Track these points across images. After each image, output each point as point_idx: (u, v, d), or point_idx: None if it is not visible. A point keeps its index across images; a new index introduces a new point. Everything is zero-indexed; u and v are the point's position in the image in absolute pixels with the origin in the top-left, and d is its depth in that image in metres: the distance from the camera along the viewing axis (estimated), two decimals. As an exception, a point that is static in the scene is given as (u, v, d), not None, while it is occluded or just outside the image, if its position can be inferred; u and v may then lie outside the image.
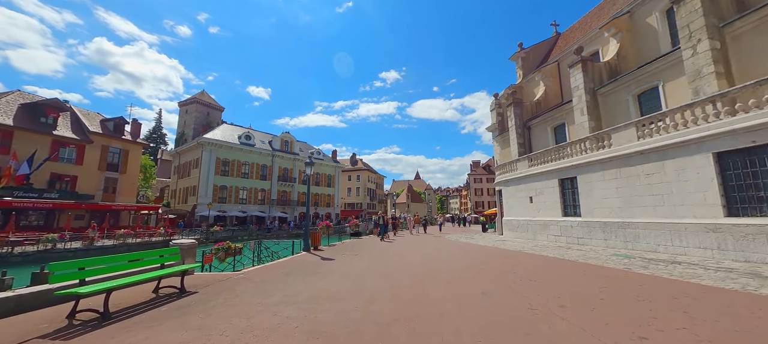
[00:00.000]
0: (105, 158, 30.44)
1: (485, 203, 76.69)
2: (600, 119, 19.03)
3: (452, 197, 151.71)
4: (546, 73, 27.96)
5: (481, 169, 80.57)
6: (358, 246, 13.53)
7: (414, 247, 13.82)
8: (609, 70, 20.38)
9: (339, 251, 11.61)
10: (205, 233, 31.47)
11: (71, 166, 27.83)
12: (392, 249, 12.51)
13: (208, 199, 38.88)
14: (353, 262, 9.10)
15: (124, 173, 31.87)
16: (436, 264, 8.88)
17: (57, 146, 26.87)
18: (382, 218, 18.52)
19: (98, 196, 29.37)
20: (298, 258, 9.99)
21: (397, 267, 8.42)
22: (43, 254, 18.64)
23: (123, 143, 32.08)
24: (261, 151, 46.17)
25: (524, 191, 18.12)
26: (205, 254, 8.40)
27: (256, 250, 11.05)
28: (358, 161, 75.83)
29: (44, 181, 25.74)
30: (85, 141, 28.75)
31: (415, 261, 9.40)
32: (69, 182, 27.44)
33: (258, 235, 36.69)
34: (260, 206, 45.15)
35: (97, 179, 29.58)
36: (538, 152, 17.41)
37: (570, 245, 13.39)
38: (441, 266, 8.44)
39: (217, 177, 40.63)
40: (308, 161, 11.94)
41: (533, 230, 16.92)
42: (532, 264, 8.45)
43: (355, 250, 12.11)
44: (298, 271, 7.54)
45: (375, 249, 12.39)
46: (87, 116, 31.39)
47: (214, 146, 40.85)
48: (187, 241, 7.06)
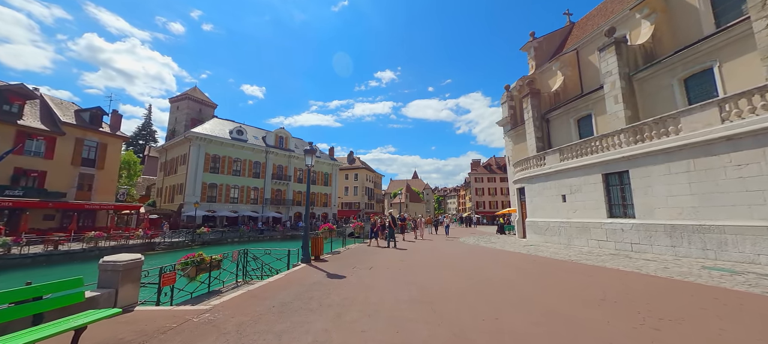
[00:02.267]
0: (80, 152, 27.49)
1: (486, 203, 74.71)
2: (636, 107, 16.84)
3: (450, 197, 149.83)
4: (564, 62, 25.73)
5: (482, 168, 78.53)
6: (368, 255, 11.06)
7: (437, 256, 11.39)
8: (644, 54, 18.20)
9: (347, 263, 9.13)
10: (191, 234, 28.68)
11: (39, 160, 24.88)
12: (413, 260, 10.08)
13: (196, 198, 36.03)
14: (372, 282, 6.65)
15: (101, 168, 28.93)
16: (485, 285, 6.46)
17: (23, 137, 23.91)
18: (391, 220, 15.97)
19: (71, 194, 26.44)
20: (296, 274, 7.50)
21: (438, 290, 5.99)
22: (-8, 262, 15.81)
23: (100, 135, 29.14)
24: (254, 147, 43.38)
25: (554, 188, 15.82)
26: (164, 274, 5.86)
27: (240, 262, 8.52)
28: (355, 159, 73.27)
29: (7, 176, 22.82)
30: (56, 133, 25.81)
31: (455, 280, 6.98)
32: (37, 178, 24.49)
33: (250, 237, 33.97)
34: (253, 205, 42.37)
35: (69, 175, 26.64)
36: (573, 144, 15.11)
37: (622, 253, 11.08)
38: (499, 289, 6.02)
39: (206, 174, 37.79)
40: (308, 148, 9.45)
41: (567, 234, 14.62)
42: (625, 287, 6.09)
43: (367, 261, 9.66)
44: (297, 302, 5.05)
45: (391, 260, 9.94)
46: (60, 106, 28.41)
47: (203, 141, 38.00)
48: (126, 258, 4.55)
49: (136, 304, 4.66)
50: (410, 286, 6.25)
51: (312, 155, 9.48)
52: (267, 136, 47.57)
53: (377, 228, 21.41)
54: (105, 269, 4.33)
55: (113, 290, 4.27)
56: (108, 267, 4.33)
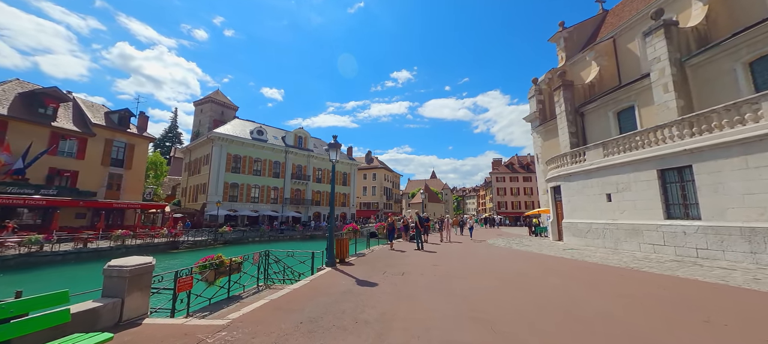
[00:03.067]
0: (109, 153, 28.32)
1: (508, 203, 72.14)
2: (690, 96, 15.14)
3: (469, 197, 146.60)
4: (600, 51, 23.93)
5: (504, 167, 75.92)
6: (396, 259, 10.21)
7: (472, 261, 10.40)
8: (697, 37, 16.41)
9: (376, 268, 8.33)
10: (213, 233, 28.92)
11: (72, 160, 25.75)
12: (448, 265, 9.14)
13: (219, 197, 36.50)
14: (410, 292, 5.80)
15: (129, 168, 29.72)
16: (543, 298, 5.47)
17: (56, 138, 24.80)
18: (418, 221, 14.85)
19: (101, 193, 27.25)
20: (322, 280, 6.77)
21: (490, 304, 5.07)
22: (26, 259, 16.21)
23: (128, 136, 29.94)
24: (274, 147, 43.61)
25: (597, 186, 14.39)
26: (180, 279, 5.26)
27: (261, 264, 7.90)
28: (373, 159, 72.70)
29: (42, 176, 23.68)
30: (87, 134, 26.66)
31: (505, 291, 6.02)
32: (69, 177, 25.36)
33: (270, 236, 33.98)
34: (273, 205, 42.57)
35: (99, 175, 27.47)
36: (620, 138, 13.66)
37: (687, 259, 9.67)
38: (562, 304, 5.02)
39: (227, 174, 38.25)
40: (332, 142, 8.73)
41: (614, 237, 13.19)
42: (722, 304, 4.95)
43: (397, 265, 8.81)
44: (328, 317, 4.28)
45: (423, 264, 9.05)
46: (91, 108, 29.41)
47: (224, 141, 38.50)
48: (134, 262, 3.95)
49: (146, 315, 4.05)
50: (455, 298, 5.36)
51: (336, 150, 8.76)
52: (286, 136, 47.79)
53: (400, 229, 20.27)
54: (110, 275, 3.74)
55: (118, 300, 3.66)
56: (113, 272, 3.74)
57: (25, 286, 10.26)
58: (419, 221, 14.80)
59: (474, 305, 4.90)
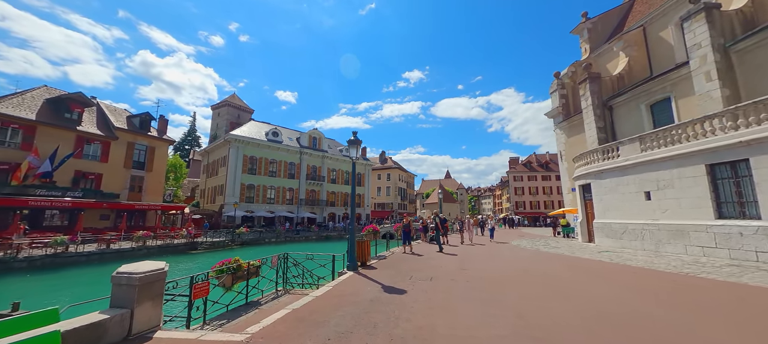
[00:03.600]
0: (131, 156, 29.00)
1: (527, 203, 70.07)
2: (736, 84, 13.88)
3: (485, 197, 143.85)
4: (629, 40, 22.58)
5: (521, 166, 73.83)
6: (419, 262, 9.63)
7: (502, 264, 9.69)
8: (743, 20, 15.10)
9: (400, 272, 7.79)
10: (231, 234, 29.13)
11: (96, 163, 26.47)
12: (476, 268, 8.49)
13: (236, 198, 36.89)
14: (445, 302, 5.23)
15: (150, 171, 30.36)
16: (602, 314, 4.77)
17: (81, 142, 25.53)
18: (439, 222, 14.18)
19: (124, 195, 27.91)
20: (346, 286, 6.29)
21: (542, 317, 4.43)
22: (52, 259, 16.57)
23: (149, 139, 30.61)
24: (289, 148, 43.81)
25: (634, 184, 13.35)
26: (196, 285, 4.89)
27: (280, 268, 7.50)
28: (387, 159, 72.19)
29: (68, 179, 24.40)
30: (110, 137, 27.36)
31: (554, 302, 5.34)
32: (93, 180, 26.06)
33: (286, 237, 34.02)
34: (288, 206, 42.75)
35: (122, 177, 28.15)
36: (660, 130, 12.61)
37: (746, 263, 8.65)
38: (629, 320, 4.33)
39: (244, 175, 38.63)
40: (352, 138, 8.26)
41: (654, 239, 12.15)
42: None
43: (422, 269, 8.24)
44: (359, 332, 3.77)
45: (449, 268, 8.44)
46: (114, 112, 30.22)
47: (241, 143, 38.92)
48: (145, 268, 3.56)
49: (158, 327, 3.67)
50: (499, 309, 4.75)
51: (356, 147, 8.29)
52: (301, 137, 47.96)
53: (419, 230, 19.46)
54: (118, 283, 3.37)
55: (127, 311, 3.28)
56: (122, 280, 3.36)
57: (50, 286, 10.22)
58: (439, 222, 14.07)
59: (526, 319, 4.28)
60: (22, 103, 23.52)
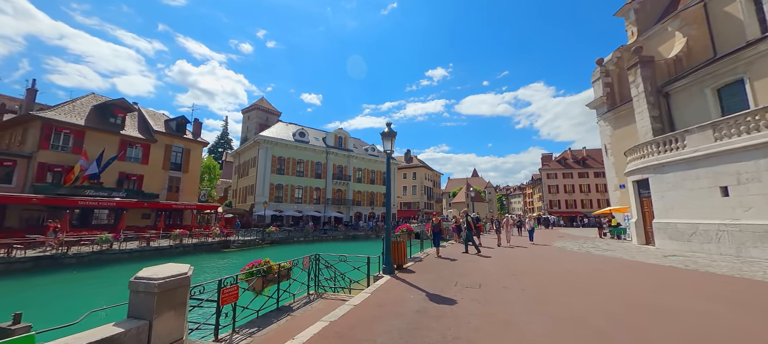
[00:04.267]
0: (168, 157, 30.35)
1: (562, 202, 66.13)
2: (836, 59, 11.65)
3: (514, 195, 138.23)
4: (686, 18, 20.20)
5: (555, 163, 69.79)
6: (459, 265, 8.76)
7: (554, 268, 8.59)
8: (842, -17, 12.73)
9: (441, 276, 7.02)
10: (261, 233, 29.64)
11: (137, 165, 27.91)
12: (527, 273, 7.52)
13: (265, 198, 37.68)
14: (503, 313, 4.41)
15: (186, 171, 31.64)
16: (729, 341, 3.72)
17: (124, 145, 27.02)
18: (472, 221, 12.96)
19: (162, 195, 29.24)
20: (385, 294, 5.64)
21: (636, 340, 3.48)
22: (98, 256, 17.43)
23: (185, 142, 31.91)
24: (315, 148, 44.19)
25: (706, 178, 11.60)
26: (224, 289, 4.44)
27: (311, 270, 6.99)
28: (412, 158, 71.14)
29: (113, 180, 25.88)
30: (150, 140, 28.75)
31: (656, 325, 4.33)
32: (136, 181, 27.49)
33: (314, 236, 34.17)
34: (315, 205, 43.10)
35: (161, 178, 29.51)
36: (740, 115, 10.81)
37: None
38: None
39: (273, 175, 39.39)
40: (386, 130, 7.59)
41: (735, 241, 10.41)
42: None
43: (467, 274, 7.40)
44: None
45: (496, 273, 7.52)
46: (153, 117, 31.81)
47: (269, 143, 39.72)
48: (166, 273, 3.09)
49: (181, 341, 3.19)
50: (576, 326, 3.86)
51: (391, 140, 7.61)
52: (327, 137, 48.26)
53: (452, 229, 18.20)
54: (136, 290, 2.92)
55: (145, 322, 2.82)
56: (140, 286, 2.91)
57: (90, 283, 10.39)
58: (471, 221, 12.79)
59: (615, 342, 3.36)
60: (73, 110, 25.23)
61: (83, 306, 2.54)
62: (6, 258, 14.46)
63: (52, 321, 3.05)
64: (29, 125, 22.96)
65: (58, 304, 11.19)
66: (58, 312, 10.06)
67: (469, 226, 12.58)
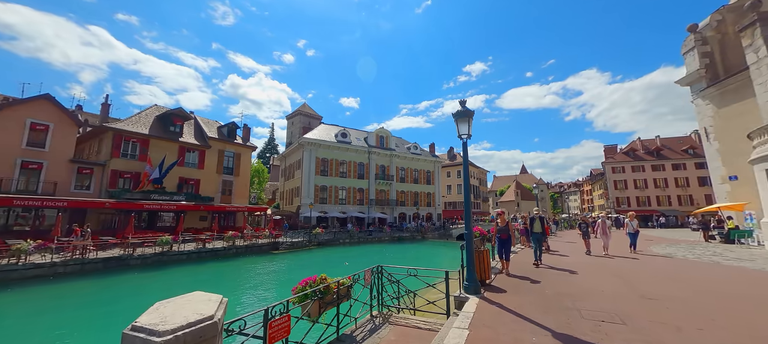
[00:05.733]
0: (221, 162, 31.67)
1: (631, 199, 58.29)
2: None
3: (569, 193, 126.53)
4: (829, -42, 15.54)
5: (622, 155, 61.74)
6: (559, 281, 6.77)
7: (700, 286, 6.24)
8: None
9: (546, 298, 5.22)
10: (308, 235, 29.55)
11: (195, 170, 29.40)
12: (668, 295, 5.37)
13: (310, 199, 37.92)
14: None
15: (237, 175, 32.81)
16: None
17: (183, 151, 28.59)
18: (538, 221, 9.45)
19: (217, 198, 30.52)
20: (489, 331, 4.01)
21: None
22: (160, 257, 18.10)
23: (236, 147, 33.14)
24: (357, 148, 43.70)
25: None
26: (272, 322, 3.20)
27: (374, 285, 5.61)
28: (456, 155, 67.93)
29: (174, 185, 27.44)
30: (205, 146, 30.17)
31: None
32: (193, 185, 28.96)
33: (359, 238, 33.43)
34: (359, 206, 42.54)
35: (215, 182, 30.84)
36: None
37: None
38: None
39: (317, 177, 39.58)
40: (460, 108, 5.98)
41: None
42: None
43: (581, 296, 5.47)
44: None
45: (619, 293, 5.48)
46: (207, 124, 33.52)
47: (313, 145, 40.01)
48: (180, 317, 1.89)
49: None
50: None
51: (468, 121, 5.99)
52: (368, 137, 47.58)
53: (521, 232, 14.20)
54: None
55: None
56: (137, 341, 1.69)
57: (154, 284, 10.21)
58: (540, 222, 9.49)
59: None
60: (139, 121, 27.24)
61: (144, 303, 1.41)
62: (81, 260, 15.39)
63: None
64: (103, 136, 25.15)
65: (123, 303, 11.33)
66: (123, 310, 10.05)
67: (542, 228, 9.40)
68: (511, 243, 8.25)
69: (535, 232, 9.16)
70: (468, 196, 5.91)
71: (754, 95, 16.39)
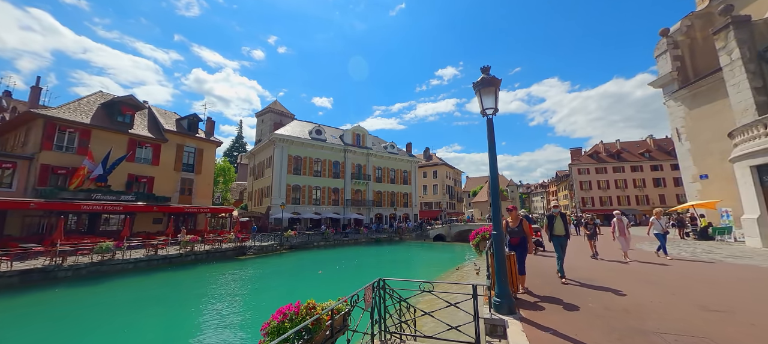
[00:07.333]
0: (180, 158, 28.42)
1: (595, 199, 61.39)
2: None
3: (535, 194, 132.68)
4: (791, -32, 16.33)
5: (586, 157, 64.94)
6: (603, 294, 5.61)
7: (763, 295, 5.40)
8: None
9: (603, 318, 4.01)
10: (279, 238, 27.24)
11: (148, 166, 26.02)
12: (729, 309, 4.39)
13: (282, 199, 35.38)
14: None
15: (199, 173, 29.66)
16: None
17: (133, 145, 25.17)
18: (559, 218, 7.07)
19: (175, 198, 27.29)
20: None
21: None
22: (98, 267, 15.24)
23: (197, 141, 29.97)
24: (333, 146, 41.72)
25: None
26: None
27: (375, 303, 4.15)
28: (432, 155, 67.89)
29: (122, 182, 24.02)
30: (160, 140, 26.86)
31: None
32: (146, 183, 25.59)
33: (335, 240, 31.57)
34: (334, 207, 40.57)
35: (173, 180, 27.57)
36: None
37: None
38: None
39: (289, 176, 37.10)
40: (483, 76, 4.72)
41: None
42: None
43: (637, 315, 4.33)
44: None
45: (679, 307, 4.42)
46: (163, 115, 30.03)
47: (285, 142, 37.49)
48: None
49: None
50: None
51: (495, 91, 4.72)
52: (344, 135, 45.73)
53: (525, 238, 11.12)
54: None
55: None
56: None
57: (84, 302, 7.41)
58: (562, 220, 7.02)
59: None
60: (79, 108, 23.52)
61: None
62: (-12, 273, 12.35)
63: None
64: (32, 125, 21.29)
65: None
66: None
67: (566, 230, 6.88)
68: (526, 250, 6.10)
69: (556, 235, 6.71)
70: (496, 186, 4.62)
71: (724, 97, 16.94)
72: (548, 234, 6.49)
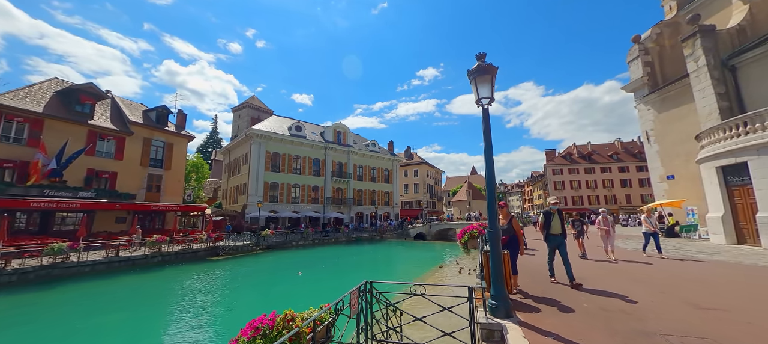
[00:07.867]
0: (148, 153, 26.55)
1: (569, 198, 63.95)
2: None
3: (512, 193, 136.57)
4: (751, -18, 17.49)
5: (560, 158, 67.54)
6: (605, 296, 5.40)
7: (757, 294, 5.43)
8: None
9: (610, 325, 3.78)
10: (255, 237, 26.09)
11: (110, 161, 24.08)
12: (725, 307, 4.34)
13: (259, 198, 34.03)
14: None
15: (168, 169, 27.86)
16: None
17: (93, 137, 23.18)
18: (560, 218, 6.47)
19: (141, 195, 25.45)
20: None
21: None
22: (48, 271, 13.76)
23: (167, 135, 28.14)
24: (313, 143, 40.68)
25: None
26: None
27: (362, 313, 3.73)
28: (413, 154, 68.09)
29: (80, 178, 22.04)
30: (125, 132, 24.94)
31: None
32: (108, 179, 23.65)
33: (314, 239, 30.76)
34: (314, 205, 39.59)
35: (139, 176, 25.71)
36: None
37: None
38: None
39: (267, 173, 35.75)
40: (479, 64, 4.40)
41: None
42: None
43: (639, 317, 4.15)
44: None
45: (683, 310, 4.30)
46: (129, 107, 27.95)
47: (263, 138, 36.07)
48: None
49: None
50: None
51: (491, 79, 4.38)
52: (325, 131, 44.77)
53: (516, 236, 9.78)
54: None
55: None
56: None
57: (29, 312, 6.50)
58: (559, 218, 6.44)
59: None
60: (30, 95, 21.33)
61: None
62: None
63: None
64: (-28, 113, 19.04)
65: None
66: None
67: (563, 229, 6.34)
68: (518, 249, 5.92)
69: (553, 234, 6.19)
70: (492, 179, 4.32)
71: (691, 101, 17.86)
72: (544, 233, 6.24)
